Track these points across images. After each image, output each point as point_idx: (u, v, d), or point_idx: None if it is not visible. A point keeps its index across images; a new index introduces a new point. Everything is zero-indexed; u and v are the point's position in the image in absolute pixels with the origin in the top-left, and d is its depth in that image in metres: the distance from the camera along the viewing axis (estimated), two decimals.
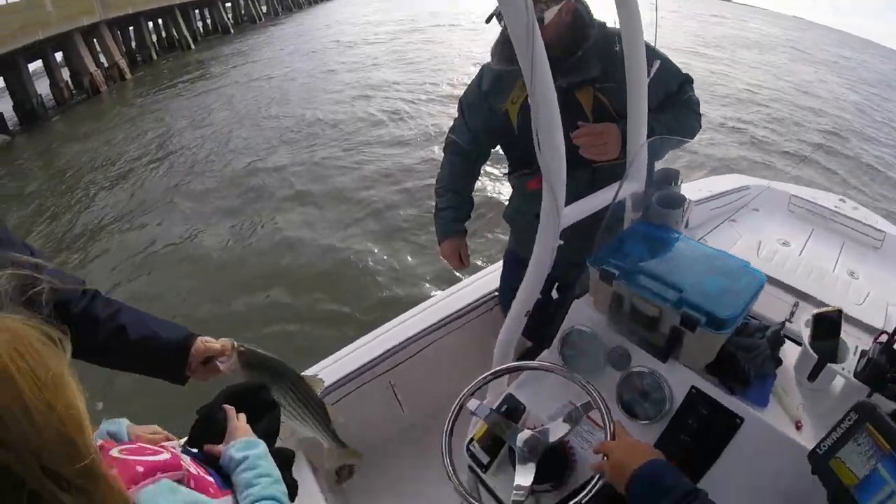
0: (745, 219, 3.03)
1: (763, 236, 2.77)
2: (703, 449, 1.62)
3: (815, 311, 1.65)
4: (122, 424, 1.37)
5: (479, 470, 2.01)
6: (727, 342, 1.62)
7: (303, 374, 1.73)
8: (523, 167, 2.46)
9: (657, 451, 1.43)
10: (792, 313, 1.71)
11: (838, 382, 1.64)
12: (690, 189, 3.14)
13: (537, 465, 1.70)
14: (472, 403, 1.84)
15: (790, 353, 1.72)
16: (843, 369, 1.57)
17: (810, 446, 1.33)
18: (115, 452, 1.02)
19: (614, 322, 1.83)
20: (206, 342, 1.58)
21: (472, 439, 2.05)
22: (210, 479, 1.21)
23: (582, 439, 1.82)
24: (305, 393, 1.71)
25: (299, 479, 2.45)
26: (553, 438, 1.71)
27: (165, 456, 1.09)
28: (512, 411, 1.99)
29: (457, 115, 2.60)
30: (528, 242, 1.94)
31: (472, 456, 2.03)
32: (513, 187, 2.73)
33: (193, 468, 1.17)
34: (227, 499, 1.21)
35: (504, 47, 1.97)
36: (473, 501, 1.65)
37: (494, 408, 2.02)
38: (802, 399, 1.62)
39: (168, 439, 1.39)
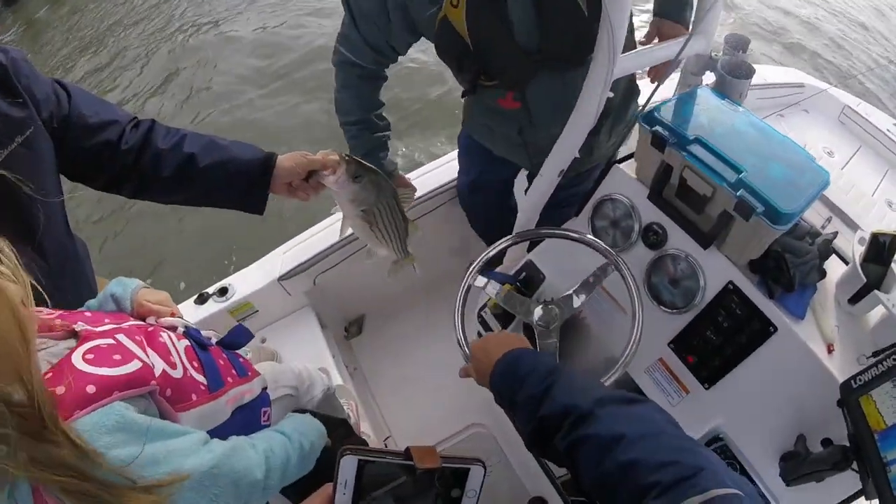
0: (794, 117, 2.78)
1: (808, 140, 2.55)
2: (727, 350, 1.50)
3: (874, 230, 1.44)
4: (130, 288, 1.25)
5: None
6: (776, 241, 1.43)
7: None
8: (484, 79, 1.76)
9: (522, 339, 1.26)
10: (823, 227, 1.51)
11: (877, 312, 1.48)
12: None
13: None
14: (481, 281, 1.70)
15: (834, 268, 1.55)
16: (888, 300, 1.39)
17: (838, 373, 1.23)
18: (76, 359, 0.90)
19: (656, 195, 1.60)
20: (307, 155, 1.44)
21: (484, 306, 1.94)
22: (200, 378, 1.12)
23: (601, 322, 1.67)
24: (399, 210, 1.62)
25: (309, 336, 2.46)
26: (571, 309, 1.57)
27: (133, 367, 0.95)
28: (530, 280, 1.84)
29: (344, 20, 1.85)
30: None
31: (483, 323, 1.95)
32: (470, 105, 2.16)
33: (179, 367, 1.07)
34: (214, 403, 1.12)
35: None
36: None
37: (512, 274, 1.88)
38: (838, 321, 1.47)
39: (173, 315, 1.24)
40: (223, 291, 2.33)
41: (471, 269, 1.68)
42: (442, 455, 0.67)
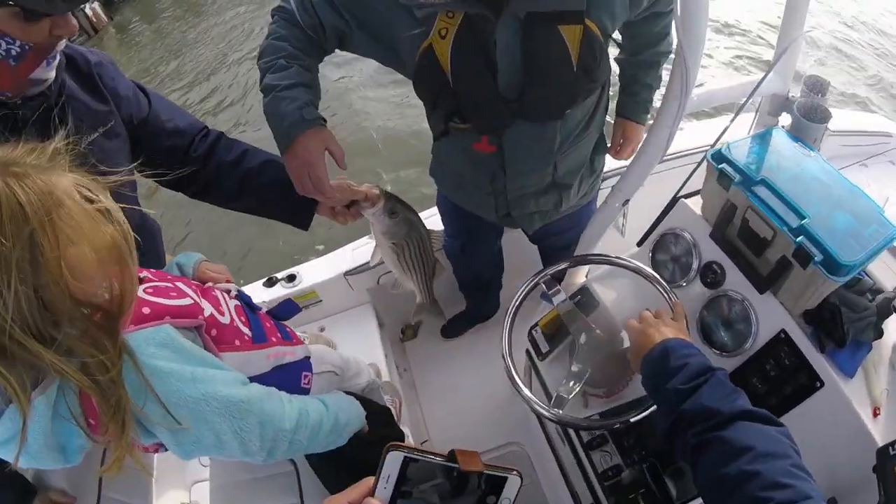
0: (878, 168, 2.63)
1: (892, 193, 2.36)
2: (771, 401, 1.46)
3: None
4: (193, 258, 1.43)
5: (535, 356, 1.94)
6: (833, 293, 1.39)
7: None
8: (459, 120, 1.63)
9: (684, 331, 1.31)
10: None
11: None
12: None
13: (594, 366, 1.60)
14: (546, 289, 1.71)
15: (893, 329, 1.48)
16: None
17: (880, 438, 1.19)
18: (139, 291, 1.05)
19: (718, 234, 1.57)
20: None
21: (536, 324, 1.96)
22: (245, 330, 1.24)
23: None
24: (427, 250, 1.69)
25: (366, 332, 2.55)
26: (621, 345, 1.59)
27: (185, 301, 1.11)
28: (585, 305, 1.84)
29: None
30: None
31: (533, 341, 1.96)
32: (440, 150, 1.98)
33: (227, 316, 1.21)
34: (251, 353, 1.24)
35: None
36: (521, 385, 1.55)
37: (569, 296, 1.89)
38: (890, 384, 1.41)
39: (228, 281, 1.41)
40: (291, 278, 2.44)
41: (526, 284, 1.70)
42: (485, 464, 0.69)
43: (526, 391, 1.53)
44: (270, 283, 2.44)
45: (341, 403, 1.40)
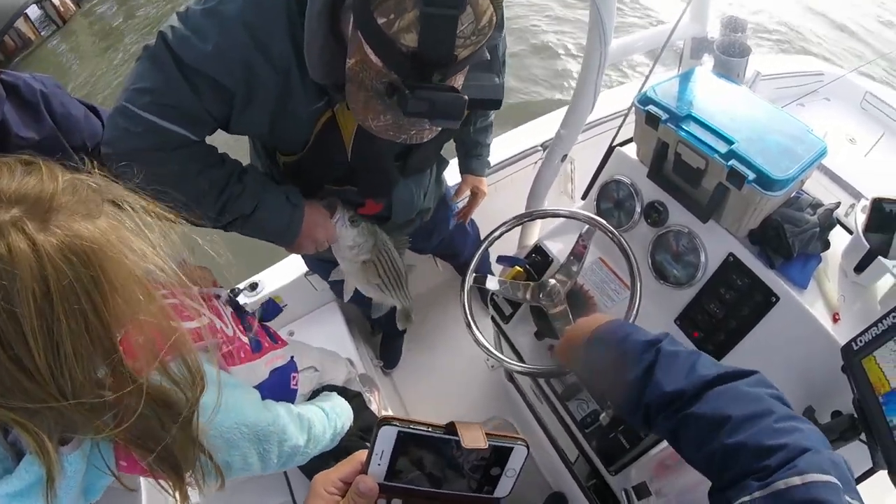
0: (814, 106, 2.75)
1: (830, 128, 2.49)
2: (731, 323, 1.51)
3: (876, 195, 1.43)
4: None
5: (500, 321, 1.97)
6: (774, 212, 1.45)
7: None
8: (346, 183, 1.57)
9: (602, 316, 1.17)
10: (839, 202, 1.52)
11: (886, 281, 1.48)
12: (761, 63, 2.86)
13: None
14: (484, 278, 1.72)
15: (840, 240, 1.54)
16: (893, 267, 1.40)
17: (844, 341, 1.20)
18: None
19: (655, 173, 1.63)
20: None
21: (493, 292, 1.99)
22: (245, 339, 1.23)
23: (607, 297, 1.71)
24: (397, 258, 1.69)
25: (335, 330, 2.57)
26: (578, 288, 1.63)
27: (195, 324, 1.05)
28: (540, 263, 1.88)
29: (158, 79, 1.18)
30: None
31: (496, 307, 1.99)
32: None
33: (231, 327, 1.18)
34: (256, 362, 1.23)
35: (324, 59, 1.18)
36: (492, 351, 1.57)
37: (523, 258, 1.93)
38: (844, 290, 1.47)
39: (215, 284, 1.36)
40: (253, 286, 2.43)
41: (476, 254, 1.73)
42: (486, 433, 0.63)
43: (496, 353, 1.56)
44: (233, 294, 2.43)
45: (338, 410, 1.41)
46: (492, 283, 1.69)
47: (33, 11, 24.18)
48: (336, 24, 1.13)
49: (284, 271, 2.52)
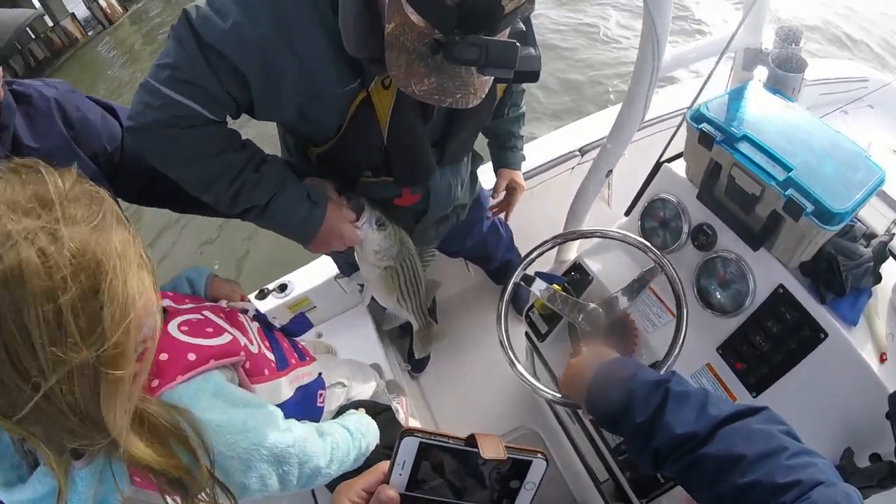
0: (858, 114, 2.58)
1: (874, 138, 2.33)
2: (775, 357, 1.44)
3: None
4: (204, 274, 1.32)
5: (535, 338, 1.92)
6: (828, 242, 1.37)
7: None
8: (382, 173, 1.52)
9: (608, 352, 1.14)
10: (893, 234, 1.43)
11: None
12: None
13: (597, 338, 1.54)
14: (533, 280, 1.66)
15: (891, 273, 1.46)
16: None
17: (890, 384, 1.17)
18: (173, 328, 0.99)
19: (706, 195, 1.55)
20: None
21: (532, 305, 1.94)
22: (270, 356, 1.20)
23: (649, 322, 1.64)
24: (420, 270, 1.62)
25: (363, 333, 2.52)
26: (619, 311, 1.55)
27: (224, 339, 1.05)
28: (578, 281, 1.82)
29: (178, 55, 1.16)
30: None
31: (531, 323, 1.95)
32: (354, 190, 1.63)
33: (255, 344, 1.15)
34: (280, 380, 1.19)
35: (360, 31, 1.12)
36: (520, 369, 1.52)
37: (561, 275, 1.87)
38: (893, 329, 1.39)
39: (243, 299, 1.31)
40: (283, 287, 2.41)
41: (518, 269, 1.67)
42: (506, 445, 0.64)
43: (531, 379, 1.50)
44: (262, 295, 2.41)
45: (363, 429, 1.37)
46: (538, 287, 1.63)
47: (81, 12, 24.96)
48: None
49: (314, 273, 2.49)
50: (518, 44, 1.00)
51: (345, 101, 1.29)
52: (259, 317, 1.30)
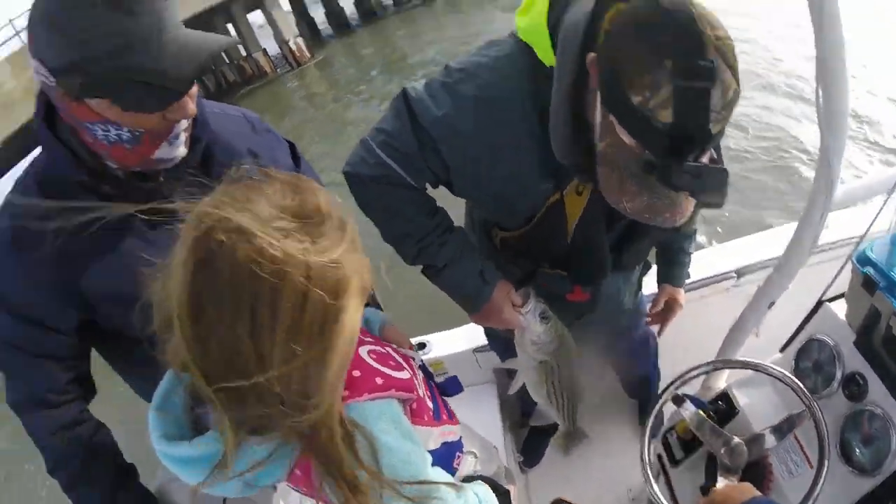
0: None
1: None
2: None
3: None
4: (380, 316, 1.43)
5: (668, 462, 1.85)
6: None
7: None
8: (558, 267, 1.60)
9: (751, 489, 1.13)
10: None
11: None
12: None
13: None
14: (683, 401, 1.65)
15: None
16: None
17: None
18: (364, 353, 1.07)
19: (863, 342, 1.47)
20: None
21: (672, 428, 1.88)
22: (430, 404, 1.25)
23: (785, 468, 1.54)
24: (576, 376, 1.61)
25: (488, 413, 2.54)
26: (760, 451, 1.51)
27: (405, 375, 1.12)
28: (724, 411, 1.76)
29: (394, 125, 1.33)
30: None
31: (667, 446, 1.89)
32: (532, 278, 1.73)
33: (422, 390, 1.21)
34: (434, 430, 1.24)
35: (571, 142, 1.20)
36: (656, 490, 1.52)
37: (708, 402, 1.81)
38: None
39: (411, 348, 1.40)
40: (421, 346, 2.49)
41: (667, 390, 1.67)
42: None
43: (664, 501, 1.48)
44: None
45: (489, 499, 1.39)
46: (688, 410, 1.62)
47: (273, 49, 28.12)
48: (580, 110, 1.16)
49: (455, 339, 2.55)
50: (727, 170, 1.03)
51: (539, 199, 1.38)
52: (423, 367, 1.36)
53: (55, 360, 1.35)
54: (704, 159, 1.05)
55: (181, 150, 1.25)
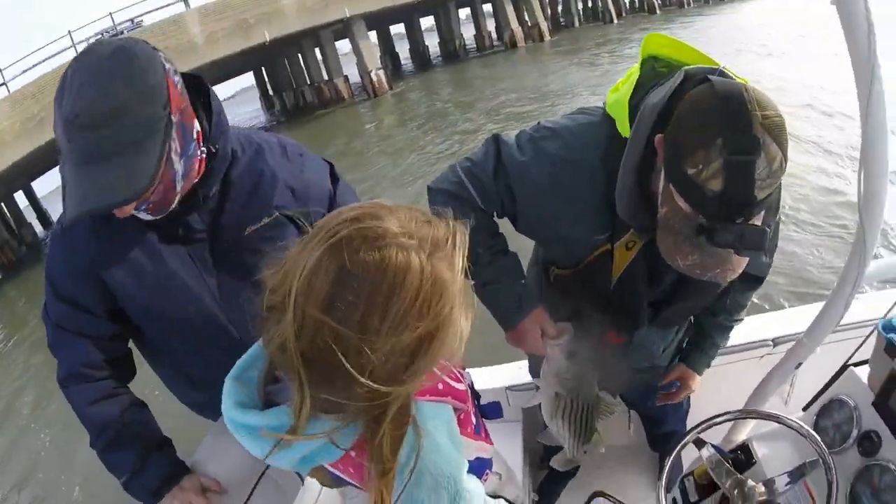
0: None
1: None
2: None
3: None
4: None
5: None
6: None
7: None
8: (598, 310, 1.71)
9: None
10: None
11: None
12: None
13: None
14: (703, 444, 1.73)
15: None
16: None
17: None
18: None
19: (881, 403, 1.55)
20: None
21: (689, 473, 1.96)
22: (474, 420, 1.36)
23: None
24: (590, 418, 1.69)
25: (510, 451, 2.60)
26: (774, 493, 1.57)
27: (462, 387, 1.24)
28: (742, 462, 1.85)
29: (480, 157, 1.57)
30: None
31: (683, 490, 1.95)
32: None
33: (469, 404, 1.32)
34: (473, 442, 1.33)
35: (638, 207, 1.38)
36: None
37: (728, 451, 1.90)
38: None
39: (463, 368, 1.47)
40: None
41: (690, 433, 1.74)
42: None
43: None
44: None
45: None
46: (707, 452, 1.70)
47: (353, 76, 28.81)
48: (644, 180, 1.33)
49: (490, 377, 2.66)
50: (768, 230, 1.19)
51: (589, 247, 1.55)
52: (471, 386, 1.44)
53: (91, 338, 1.59)
54: (757, 221, 1.20)
55: (172, 206, 1.41)
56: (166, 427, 1.71)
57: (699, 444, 1.70)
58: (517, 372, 2.66)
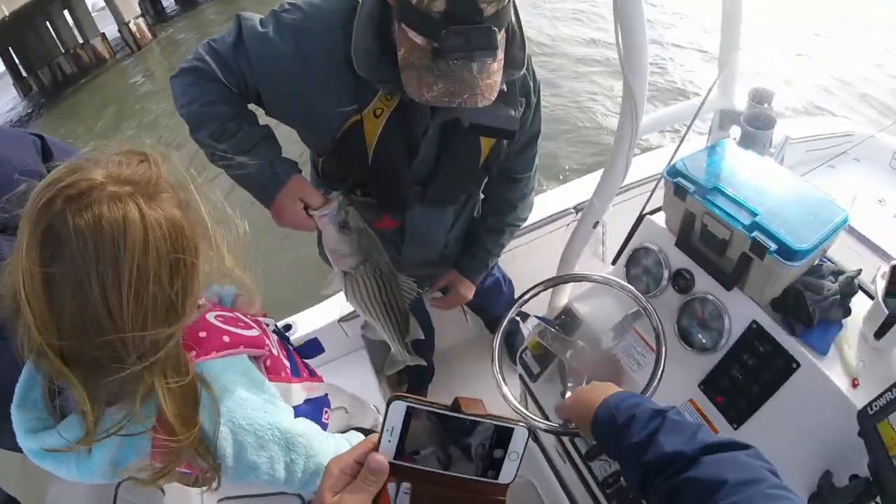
0: (844, 167, 2.75)
1: (859, 189, 2.49)
2: (753, 389, 1.53)
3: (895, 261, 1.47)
4: (230, 291, 1.46)
5: (528, 379, 2.01)
6: (796, 280, 1.49)
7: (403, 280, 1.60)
8: (360, 191, 1.69)
9: (613, 386, 1.22)
10: (860, 270, 1.55)
11: None
12: (790, 126, 2.86)
13: (587, 375, 1.64)
14: (527, 317, 1.80)
15: (862, 306, 1.54)
16: None
17: (863, 406, 1.22)
18: (211, 317, 1.13)
19: (683, 242, 1.69)
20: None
21: (525, 347, 2.04)
22: (286, 362, 1.31)
23: (633, 361, 1.75)
24: (392, 291, 1.57)
25: (363, 378, 2.59)
26: (608, 350, 1.70)
27: (254, 332, 1.19)
28: (568, 324, 1.94)
29: (224, 35, 1.48)
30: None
31: (524, 365, 2.04)
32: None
33: (275, 348, 1.28)
34: (293, 385, 1.29)
35: (379, 61, 1.36)
36: (520, 408, 1.64)
37: (553, 318, 1.99)
38: (864, 356, 1.48)
39: (264, 315, 1.44)
40: (287, 328, 2.49)
41: (508, 313, 1.79)
42: (489, 413, 0.67)
43: (523, 409, 1.62)
44: None
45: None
46: (531, 324, 1.76)
47: (111, 33, 25.35)
48: (385, 37, 1.34)
49: (318, 315, 2.59)
50: (494, 27, 1.18)
51: (338, 121, 1.50)
52: (277, 331, 1.41)
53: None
54: (497, 61, 1.25)
55: None
56: None
57: (524, 318, 1.76)
58: (345, 302, 2.57)
